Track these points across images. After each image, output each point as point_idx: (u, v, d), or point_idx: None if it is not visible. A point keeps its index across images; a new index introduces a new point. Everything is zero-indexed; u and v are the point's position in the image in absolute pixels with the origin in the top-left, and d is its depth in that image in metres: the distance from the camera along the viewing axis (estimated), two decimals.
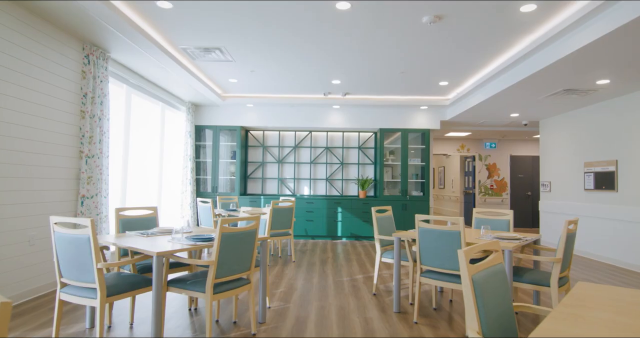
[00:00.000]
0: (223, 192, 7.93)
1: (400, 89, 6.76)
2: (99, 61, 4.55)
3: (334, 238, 7.82)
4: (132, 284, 2.67)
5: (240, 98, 7.42)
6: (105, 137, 4.62)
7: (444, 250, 2.99)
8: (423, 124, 7.92)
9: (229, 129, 7.94)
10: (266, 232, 3.51)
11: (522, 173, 10.58)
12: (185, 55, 5.18)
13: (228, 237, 2.61)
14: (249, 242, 2.79)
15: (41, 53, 3.80)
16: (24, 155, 3.61)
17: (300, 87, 6.70)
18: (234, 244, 2.66)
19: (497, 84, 5.69)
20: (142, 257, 2.81)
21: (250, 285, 2.88)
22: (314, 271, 4.99)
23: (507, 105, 6.58)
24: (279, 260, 5.64)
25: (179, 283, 2.69)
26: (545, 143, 7.61)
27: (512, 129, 8.95)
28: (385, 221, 4.17)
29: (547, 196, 7.48)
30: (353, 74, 5.89)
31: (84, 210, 4.27)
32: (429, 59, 5.13)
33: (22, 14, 3.55)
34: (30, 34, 3.66)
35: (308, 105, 7.72)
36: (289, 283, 4.37)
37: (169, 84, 6.23)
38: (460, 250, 1.48)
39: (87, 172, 4.36)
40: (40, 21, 3.76)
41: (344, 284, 4.36)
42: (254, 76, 6.10)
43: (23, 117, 3.60)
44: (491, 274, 1.59)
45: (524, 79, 4.99)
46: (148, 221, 3.61)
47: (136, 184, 5.90)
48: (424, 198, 7.84)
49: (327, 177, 8.44)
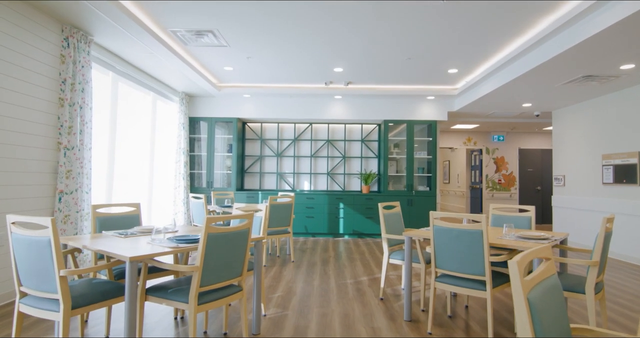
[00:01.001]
0: (219, 188, 7.57)
1: (406, 78, 6.36)
2: (80, 45, 4.16)
3: (335, 235, 7.46)
4: (104, 293, 2.30)
5: (236, 88, 7.02)
6: (87, 128, 4.24)
7: (463, 252, 2.62)
8: (429, 115, 7.52)
9: (225, 120, 7.55)
10: (261, 231, 3.14)
11: (532, 167, 10.19)
12: (176, 39, 4.79)
13: (215, 239, 2.24)
14: (241, 243, 2.42)
15: (13, 33, 3.41)
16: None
17: (299, 75, 6.31)
18: (223, 246, 2.29)
19: (510, 71, 5.30)
20: (116, 262, 2.44)
21: (242, 293, 2.51)
22: (315, 272, 4.63)
23: (519, 95, 6.18)
24: (277, 260, 5.28)
25: (159, 292, 2.32)
26: (558, 135, 7.22)
27: (522, 121, 8.55)
28: (393, 218, 3.80)
29: (561, 190, 7.10)
30: (356, 61, 5.50)
31: (62, 207, 3.90)
32: (438, 44, 4.73)
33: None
34: (0, 13, 3.27)
35: (308, 95, 7.32)
36: (288, 286, 4.01)
37: (161, 72, 5.84)
38: (512, 260, 1.10)
39: (66, 166, 3.98)
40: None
41: (347, 287, 3.99)
42: (251, 64, 5.71)
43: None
44: (547, 291, 1.22)
45: (540, 65, 4.60)
46: (129, 219, 3.24)
47: (125, 179, 5.53)
48: (431, 194, 7.46)
49: (329, 171, 8.06)
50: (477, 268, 2.58)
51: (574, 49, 4.06)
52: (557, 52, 4.22)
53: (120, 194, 5.37)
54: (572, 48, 4.02)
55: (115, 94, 5.24)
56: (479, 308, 3.41)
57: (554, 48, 4.27)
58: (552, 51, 4.30)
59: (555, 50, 4.24)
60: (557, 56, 4.28)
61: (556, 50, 4.23)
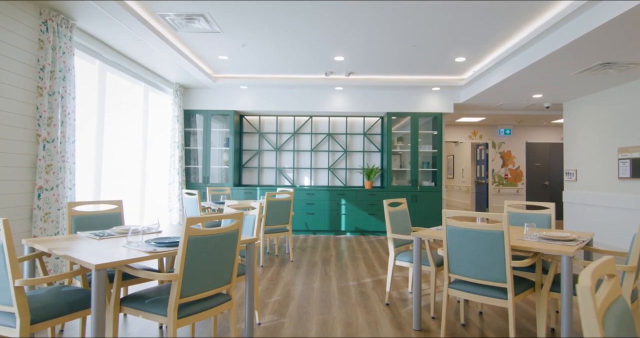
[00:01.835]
0: (216, 183, 7.27)
1: (411, 68, 6.03)
2: (61, 29, 3.85)
3: (337, 233, 7.17)
4: (72, 304, 2.01)
5: (233, 79, 6.70)
6: (69, 119, 3.94)
7: (481, 255, 2.32)
8: (435, 108, 7.20)
9: (221, 113, 7.24)
10: (254, 232, 2.84)
11: (539, 162, 9.86)
12: (166, 24, 4.47)
13: (198, 242, 1.94)
14: (228, 246, 2.13)
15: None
16: None
17: (298, 65, 5.98)
18: (207, 251, 2.00)
19: (522, 59, 4.97)
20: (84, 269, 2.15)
21: (231, 303, 2.22)
22: (315, 273, 4.34)
23: (530, 85, 5.85)
24: (275, 260, 4.99)
25: (136, 302, 2.03)
26: (570, 127, 6.89)
27: (531, 113, 8.22)
28: (400, 216, 3.50)
29: (572, 186, 6.79)
30: (358, 49, 5.17)
31: (41, 204, 3.61)
32: (446, 29, 4.40)
33: None
34: None
35: (308, 86, 7.00)
36: (286, 289, 3.72)
37: (152, 61, 5.52)
38: (581, 286, 0.80)
39: (46, 159, 3.69)
40: None
41: (350, 290, 3.71)
42: (247, 52, 5.38)
43: None
44: (619, 316, 0.92)
45: (555, 52, 4.27)
46: (110, 218, 2.95)
47: (115, 175, 5.24)
48: (436, 189, 7.15)
49: (330, 166, 7.76)
50: (497, 274, 2.28)
51: (593, 34, 3.73)
52: (574, 37, 3.89)
53: (109, 190, 5.08)
54: (592, 32, 3.69)
55: (102, 84, 4.93)
56: (495, 315, 3.12)
57: (571, 33, 3.94)
58: (569, 36, 3.97)
59: (572, 35, 3.92)
60: (574, 42, 3.96)
61: (573, 35, 3.91)
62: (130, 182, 5.69)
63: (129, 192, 5.64)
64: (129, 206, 5.56)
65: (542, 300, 2.45)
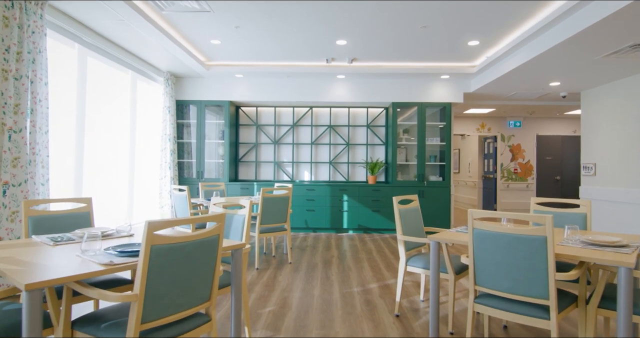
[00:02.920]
0: (211, 178, 6.87)
1: (419, 53, 5.58)
2: (29, 6, 3.42)
3: (338, 230, 6.77)
4: (13, 327, 1.61)
5: (227, 66, 6.26)
6: (41, 107, 3.52)
7: (518, 265, 1.91)
8: (443, 97, 6.75)
9: (216, 104, 6.81)
10: (243, 236, 2.42)
11: (551, 155, 9.42)
12: (150, 3, 4.03)
13: (164, 252, 1.53)
14: (206, 256, 1.72)
15: None
16: None
17: (298, 50, 5.54)
18: (178, 262, 1.59)
19: (542, 42, 4.52)
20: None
21: (211, 324, 1.81)
22: (315, 277, 3.94)
23: (549, 71, 5.40)
24: (272, 261, 4.59)
25: (90, 326, 1.63)
26: (588, 118, 6.45)
27: (544, 104, 7.76)
28: (411, 215, 3.08)
29: (590, 181, 6.36)
30: (363, 31, 4.72)
31: (7, 202, 3.21)
32: (460, 8, 3.96)
33: None
34: None
35: (308, 75, 6.56)
36: (282, 297, 3.32)
37: (139, 47, 5.09)
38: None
39: (13, 152, 3.27)
40: None
41: (354, 298, 3.30)
42: (240, 35, 4.95)
43: None
44: None
45: (581, 32, 3.82)
46: (76, 218, 2.54)
47: (100, 169, 4.83)
48: (444, 184, 6.73)
49: (331, 160, 7.34)
50: (538, 288, 1.87)
51: (626, 10, 3.28)
52: (604, 14, 3.45)
53: (93, 187, 4.68)
54: (625, 8, 3.24)
55: (83, 70, 4.51)
56: (521, 329, 2.71)
57: (601, 10, 3.49)
58: (598, 14, 3.52)
59: (602, 13, 3.47)
60: (604, 20, 3.51)
61: (603, 12, 3.46)
62: (118, 177, 5.28)
63: (117, 188, 5.23)
64: (115, 204, 5.16)
65: (588, 319, 2.03)
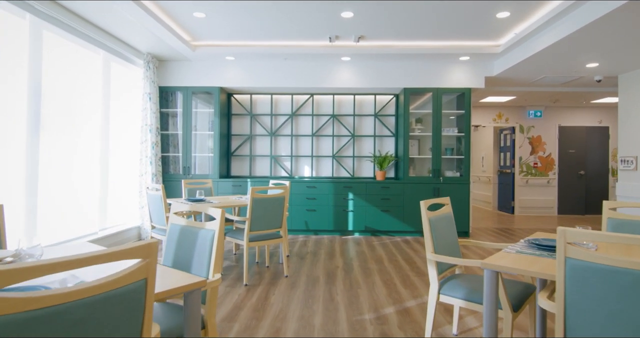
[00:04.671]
0: (201, 174, 6.13)
1: (436, 30, 4.79)
2: None
3: (343, 233, 6.03)
4: None
5: (216, 47, 5.49)
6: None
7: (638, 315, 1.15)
8: (462, 82, 5.97)
9: (204, 90, 6.05)
10: (210, 267, 1.66)
11: (574, 148, 8.63)
12: None
13: (43, 319, 0.78)
14: (120, 316, 0.97)
15: None
16: None
17: (296, 26, 4.76)
18: (71, 328, 0.84)
19: (586, 12, 3.74)
20: None
21: None
22: (317, 298, 3.20)
23: (589, 49, 4.61)
24: (265, 274, 3.85)
25: None
26: (626, 104, 5.66)
27: (572, 90, 6.96)
28: (443, 225, 2.32)
29: (630, 176, 5.59)
30: (371, 2, 3.94)
31: None
32: None
33: None
34: None
35: (308, 56, 5.78)
36: (274, 327, 2.58)
37: (111, 21, 4.32)
38: None
39: None
40: None
41: (366, 330, 2.56)
42: (228, 7, 4.17)
43: None
44: None
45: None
46: None
47: (62, 166, 4.09)
48: (463, 180, 5.97)
49: (334, 153, 6.58)
50: None
51: None
52: None
53: (53, 186, 3.94)
54: None
55: (37, 46, 3.75)
56: None
57: None
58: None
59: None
60: None
61: None
62: (89, 174, 4.54)
63: (85, 187, 4.49)
64: (83, 206, 4.43)
65: None
